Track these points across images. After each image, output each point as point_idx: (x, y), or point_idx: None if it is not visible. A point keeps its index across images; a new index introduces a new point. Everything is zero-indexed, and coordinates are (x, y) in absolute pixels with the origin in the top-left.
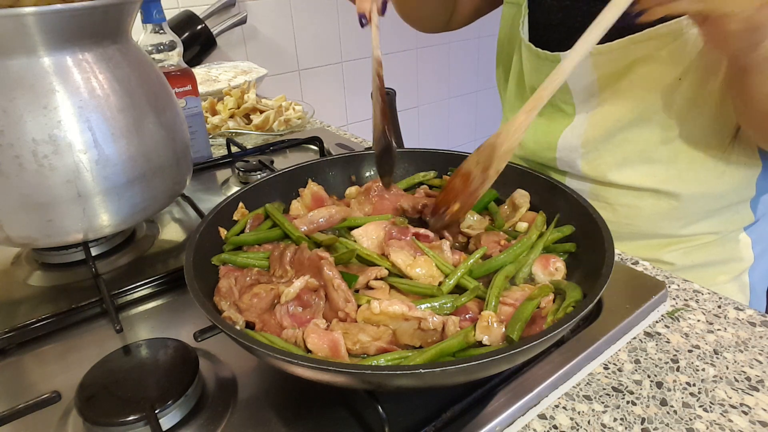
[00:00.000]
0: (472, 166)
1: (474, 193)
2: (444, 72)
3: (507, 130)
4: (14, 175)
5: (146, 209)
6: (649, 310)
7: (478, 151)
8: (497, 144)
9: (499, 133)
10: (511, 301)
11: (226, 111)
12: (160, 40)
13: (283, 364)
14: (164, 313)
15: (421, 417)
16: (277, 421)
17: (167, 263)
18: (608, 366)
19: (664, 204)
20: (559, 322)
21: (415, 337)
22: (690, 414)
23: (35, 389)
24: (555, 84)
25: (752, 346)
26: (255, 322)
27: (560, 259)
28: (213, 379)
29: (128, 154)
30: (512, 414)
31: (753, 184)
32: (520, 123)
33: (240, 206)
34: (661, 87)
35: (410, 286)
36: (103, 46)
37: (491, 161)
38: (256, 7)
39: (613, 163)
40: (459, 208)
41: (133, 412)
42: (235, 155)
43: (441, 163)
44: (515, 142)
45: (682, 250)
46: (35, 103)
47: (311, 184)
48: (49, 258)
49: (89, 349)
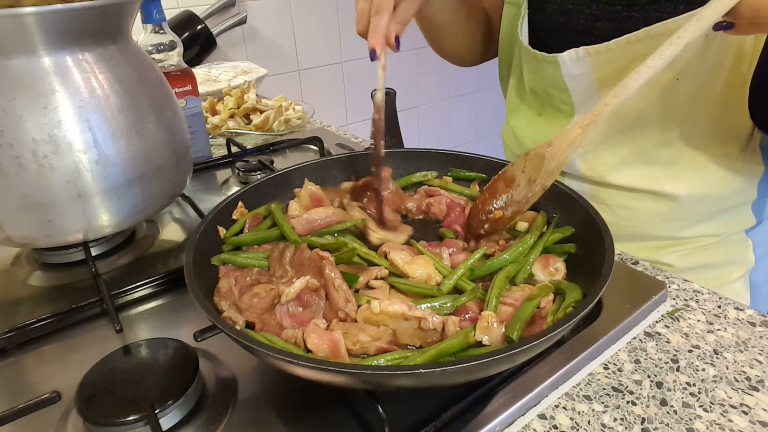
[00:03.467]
0: (516, 172)
1: (518, 205)
2: (444, 72)
3: (559, 143)
4: (14, 175)
5: (146, 209)
6: (649, 310)
7: (526, 156)
8: (547, 157)
9: (549, 143)
10: (511, 301)
11: (226, 111)
12: (160, 40)
13: (283, 364)
14: (164, 313)
15: (421, 417)
16: (277, 421)
17: (167, 263)
18: (608, 366)
19: (662, 206)
20: (559, 322)
21: (415, 337)
22: (690, 414)
23: (35, 389)
24: (619, 99)
25: (752, 346)
26: (255, 322)
27: (560, 259)
28: (213, 379)
29: (128, 154)
30: (512, 414)
31: (755, 187)
32: (574, 138)
33: (239, 205)
34: (659, 87)
35: (410, 286)
36: (103, 46)
37: (538, 174)
38: (256, 7)
39: (612, 163)
40: (500, 219)
41: (133, 412)
42: (235, 155)
43: (441, 163)
44: (566, 159)
45: (681, 252)
46: (35, 103)
47: (308, 183)
48: (49, 258)
49: (89, 349)
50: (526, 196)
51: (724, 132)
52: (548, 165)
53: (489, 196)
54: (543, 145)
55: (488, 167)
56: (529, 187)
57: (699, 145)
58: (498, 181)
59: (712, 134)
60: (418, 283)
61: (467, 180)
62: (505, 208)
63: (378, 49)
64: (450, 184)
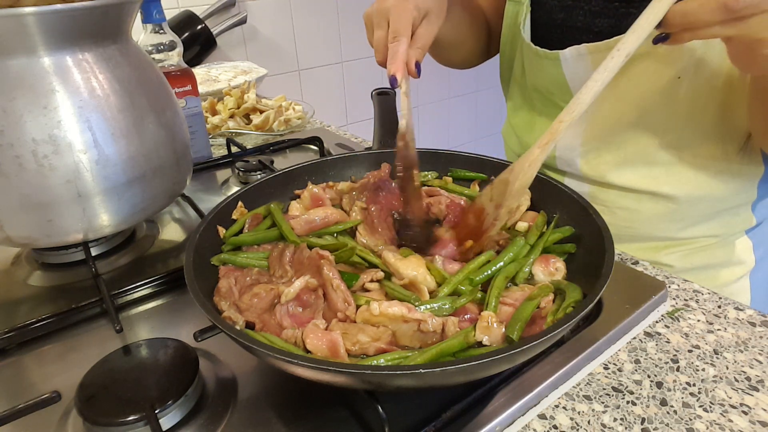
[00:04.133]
0: (485, 202)
1: (485, 232)
2: (444, 72)
3: (521, 165)
4: (14, 175)
5: (146, 209)
6: (649, 310)
7: (492, 186)
8: (510, 180)
9: (511, 168)
10: (511, 301)
11: (226, 111)
12: (160, 40)
13: (283, 364)
14: (164, 313)
15: (421, 417)
16: (277, 421)
17: (167, 263)
18: (608, 366)
19: (662, 207)
20: (559, 322)
21: (414, 339)
22: (690, 414)
23: (35, 389)
24: (573, 115)
25: (752, 346)
26: (255, 322)
27: (560, 259)
28: (213, 379)
29: (128, 154)
30: (512, 414)
31: (754, 188)
32: (534, 158)
33: (239, 205)
34: (660, 86)
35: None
36: (103, 46)
37: (503, 198)
38: (256, 7)
39: (613, 163)
40: (470, 248)
41: (133, 412)
42: (235, 155)
43: (441, 163)
44: (529, 179)
45: (681, 253)
46: (35, 103)
47: (311, 185)
48: (49, 258)
49: (89, 349)
50: (492, 221)
51: (725, 132)
52: (512, 187)
53: (461, 231)
54: (506, 171)
55: (488, 167)
56: (496, 212)
57: (699, 145)
58: (468, 214)
59: (712, 135)
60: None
61: (467, 180)
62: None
63: (399, 76)
64: (450, 184)
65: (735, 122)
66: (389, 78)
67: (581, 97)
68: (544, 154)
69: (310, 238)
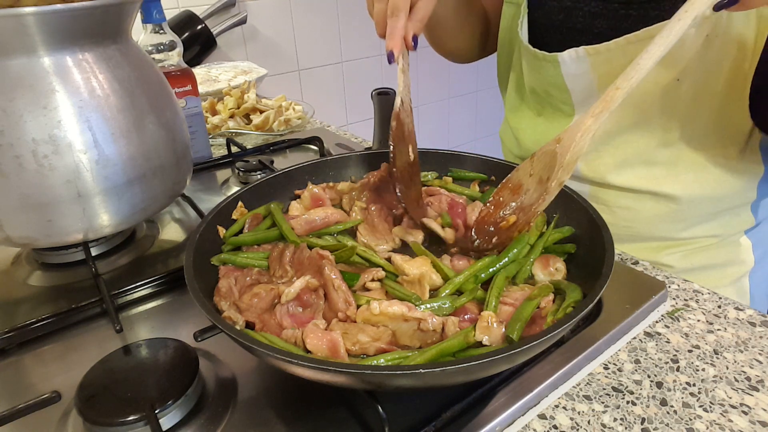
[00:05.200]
0: (523, 177)
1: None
2: (444, 72)
3: (571, 135)
4: (14, 175)
5: (146, 209)
6: (649, 310)
7: (532, 159)
8: (559, 152)
9: (559, 138)
10: (511, 301)
11: (226, 111)
12: (160, 40)
13: (283, 364)
14: (164, 313)
15: (421, 417)
16: (277, 421)
17: (167, 263)
18: (608, 366)
19: (662, 207)
20: (559, 322)
21: (414, 338)
22: (690, 414)
23: (35, 389)
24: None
25: (752, 346)
26: (255, 322)
27: (560, 259)
28: (213, 379)
29: (128, 154)
30: (512, 414)
31: (754, 188)
32: (587, 127)
33: (239, 205)
34: (660, 88)
35: (400, 292)
36: (103, 46)
37: (552, 172)
38: (256, 7)
39: (613, 164)
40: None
41: (133, 412)
42: (235, 155)
43: (441, 163)
44: (581, 150)
45: (681, 253)
46: (35, 103)
47: (311, 186)
48: (49, 258)
49: (89, 349)
50: (540, 197)
51: (724, 132)
52: (561, 159)
53: (495, 208)
54: (551, 143)
55: (488, 167)
56: (542, 187)
57: (699, 145)
58: (502, 190)
59: (712, 135)
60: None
61: (467, 180)
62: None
63: (396, 52)
64: (450, 184)
65: (735, 122)
66: (387, 53)
67: (641, 63)
68: (597, 124)
69: (310, 238)
